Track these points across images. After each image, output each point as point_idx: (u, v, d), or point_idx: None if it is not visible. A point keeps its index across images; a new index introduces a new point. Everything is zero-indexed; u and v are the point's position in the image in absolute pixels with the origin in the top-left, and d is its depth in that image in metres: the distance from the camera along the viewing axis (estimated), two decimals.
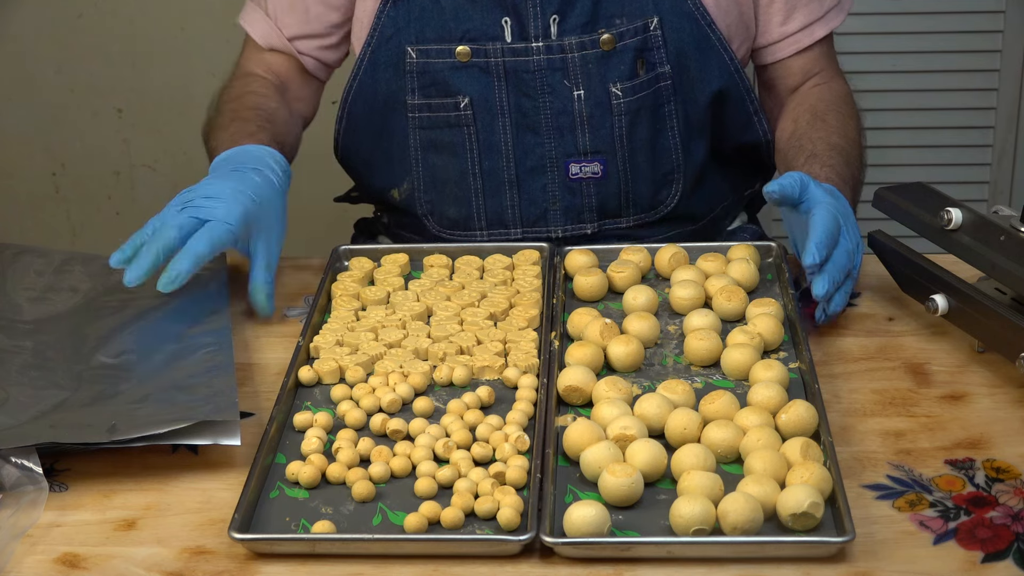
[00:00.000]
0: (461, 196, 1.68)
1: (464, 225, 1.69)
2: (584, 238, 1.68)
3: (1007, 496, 1.19)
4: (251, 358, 1.44)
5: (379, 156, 1.72)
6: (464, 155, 1.66)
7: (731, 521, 1.12)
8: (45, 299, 1.52)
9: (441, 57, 1.63)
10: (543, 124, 1.63)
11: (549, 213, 1.67)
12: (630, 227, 1.69)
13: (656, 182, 1.67)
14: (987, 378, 1.35)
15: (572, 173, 1.65)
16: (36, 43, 2.88)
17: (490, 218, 1.68)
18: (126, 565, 1.15)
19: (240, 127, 1.61)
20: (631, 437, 1.22)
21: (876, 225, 1.52)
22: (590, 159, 1.64)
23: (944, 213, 1.38)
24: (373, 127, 1.70)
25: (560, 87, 1.62)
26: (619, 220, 1.69)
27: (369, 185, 1.77)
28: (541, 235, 1.68)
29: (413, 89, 1.65)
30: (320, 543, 1.13)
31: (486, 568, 1.12)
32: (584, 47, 1.61)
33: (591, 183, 1.65)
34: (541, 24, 1.60)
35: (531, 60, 1.61)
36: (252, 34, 1.76)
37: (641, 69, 1.62)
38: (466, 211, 1.68)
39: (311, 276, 1.59)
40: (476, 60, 1.62)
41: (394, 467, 1.22)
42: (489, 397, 1.32)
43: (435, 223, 1.71)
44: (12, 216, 3.04)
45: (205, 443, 1.25)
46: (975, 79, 2.78)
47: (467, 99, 1.63)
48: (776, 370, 1.31)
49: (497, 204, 1.67)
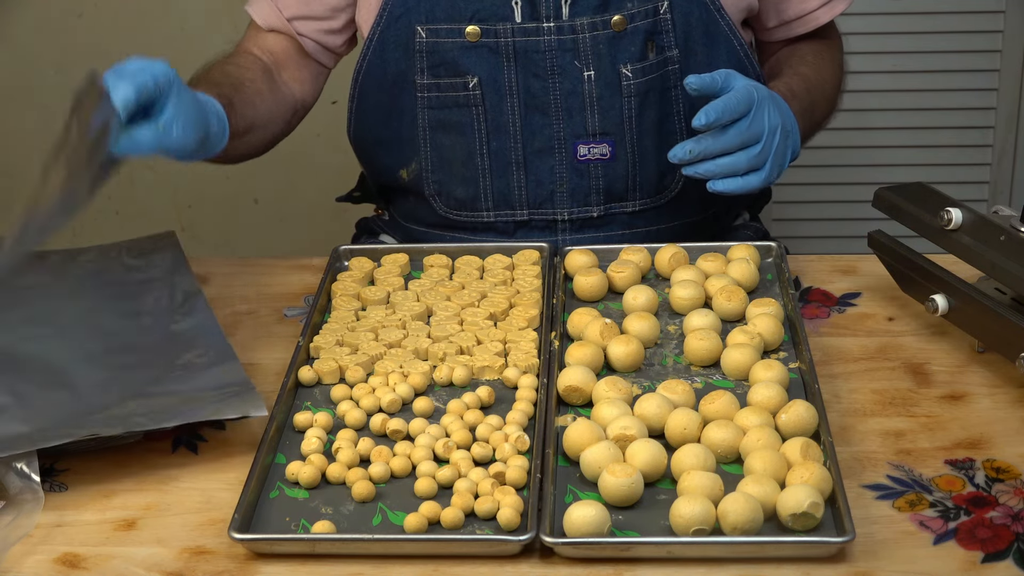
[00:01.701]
0: (468, 176, 1.68)
1: (471, 206, 1.70)
2: (590, 221, 1.68)
3: (1007, 496, 1.19)
4: (251, 358, 1.44)
5: (388, 136, 1.72)
6: (472, 135, 1.66)
7: (731, 521, 1.12)
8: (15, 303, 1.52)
9: (451, 37, 1.63)
10: (552, 105, 1.64)
11: (556, 195, 1.67)
12: (635, 211, 1.69)
13: (662, 165, 1.68)
14: (987, 378, 1.35)
15: (580, 154, 1.66)
16: (36, 43, 2.87)
17: (497, 199, 1.68)
18: (126, 565, 1.15)
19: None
20: (631, 437, 1.22)
21: (876, 225, 1.52)
22: (599, 140, 1.65)
23: (944, 213, 1.38)
24: (382, 107, 1.70)
25: (570, 68, 1.62)
26: (625, 204, 1.69)
27: (379, 166, 1.77)
28: (547, 216, 1.68)
29: (422, 69, 1.65)
30: (320, 543, 1.13)
31: (486, 568, 1.12)
32: (595, 28, 1.62)
33: (599, 165, 1.66)
34: (552, 4, 1.61)
35: (541, 40, 1.62)
36: (254, 16, 1.76)
37: (651, 51, 1.63)
38: (473, 191, 1.69)
39: (311, 276, 1.59)
40: (486, 40, 1.62)
41: (394, 467, 1.22)
42: (489, 397, 1.32)
43: (442, 204, 1.71)
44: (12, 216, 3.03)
45: (234, 417, 1.25)
46: (975, 79, 2.78)
47: (476, 79, 1.63)
48: (776, 370, 1.31)
49: (504, 185, 1.68)
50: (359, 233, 1.88)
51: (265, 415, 1.26)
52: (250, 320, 1.52)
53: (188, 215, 2.99)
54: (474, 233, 1.70)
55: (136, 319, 1.47)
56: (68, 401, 1.32)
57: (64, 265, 1.58)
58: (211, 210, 2.99)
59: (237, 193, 2.97)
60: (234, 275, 1.61)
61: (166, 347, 1.41)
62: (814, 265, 1.58)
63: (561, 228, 1.69)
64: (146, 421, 1.26)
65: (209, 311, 1.46)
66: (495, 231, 1.70)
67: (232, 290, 1.57)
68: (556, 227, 1.69)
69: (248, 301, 1.55)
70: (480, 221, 1.69)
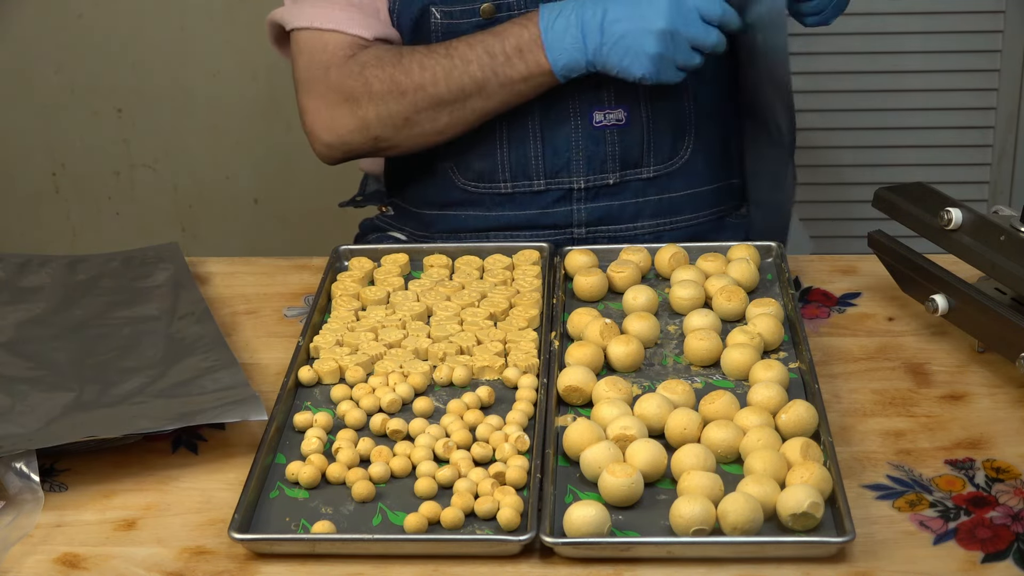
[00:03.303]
0: (486, 148, 1.68)
1: (489, 177, 1.70)
2: (605, 188, 1.69)
3: (1007, 496, 1.19)
4: (251, 358, 1.44)
5: None
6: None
7: (731, 521, 1.12)
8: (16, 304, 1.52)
9: (465, 17, 1.64)
10: None
11: (572, 162, 1.68)
12: (649, 178, 1.70)
13: (675, 129, 1.68)
14: (987, 378, 1.35)
15: (596, 121, 1.66)
16: (36, 43, 2.88)
17: (514, 169, 1.69)
18: (126, 565, 1.15)
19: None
20: (631, 437, 1.22)
21: (876, 225, 1.52)
22: (614, 106, 1.65)
23: (944, 213, 1.38)
24: None
25: None
26: (640, 170, 1.69)
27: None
28: (564, 185, 1.69)
29: None
30: (320, 543, 1.13)
31: (486, 568, 1.12)
32: None
33: (614, 131, 1.66)
34: None
35: None
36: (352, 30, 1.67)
37: None
38: (490, 163, 1.69)
39: (311, 276, 1.59)
40: (500, 15, 1.63)
41: (394, 467, 1.22)
42: (489, 397, 1.32)
43: (460, 175, 1.71)
44: (12, 216, 3.04)
45: (234, 420, 1.26)
46: (975, 79, 2.78)
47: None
48: (776, 370, 1.31)
49: (521, 154, 1.68)
50: (364, 233, 1.88)
51: (265, 419, 1.26)
52: (250, 320, 1.52)
53: (188, 215, 2.99)
54: (489, 208, 1.71)
55: (138, 324, 1.47)
56: (68, 402, 1.32)
57: (66, 271, 1.58)
58: (211, 210, 2.99)
59: (237, 193, 2.97)
60: (234, 275, 1.61)
61: (167, 350, 1.41)
62: (814, 265, 1.58)
63: (577, 197, 1.70)
64: (146, 424, 1.26)
65: (211, 319, 1.45)
66: (511, 203, 1.70)
67: (232, 290, 1.57)
68: (572, 196, 1.70)
69: (248, 301, 1.55)
70: (498, 193, 1.70)
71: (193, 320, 1.46)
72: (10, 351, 1.42)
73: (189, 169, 2.95)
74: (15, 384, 1.35)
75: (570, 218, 1.71)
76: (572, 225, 1.71)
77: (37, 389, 1.34)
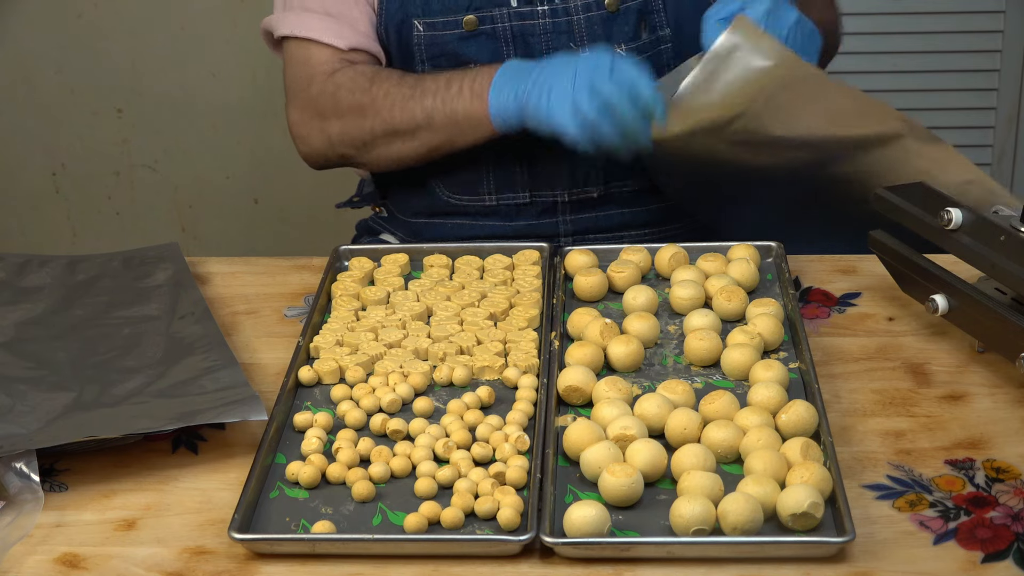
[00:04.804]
0: (470, 161, 1.68)
1: (473, 189, 1.71)
2: (589, 202, 1.69)
3: (1007, 496, 1.19)
4: (251, 358, 1.44)
5: None
6: None
7: (731, 521, 1.12)
8: (16, 304, 1.52)
9: (448, 29, 1.64)
10: None
11: (556, 175, 1.68)
12: (634, 190, 1.70)
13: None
14: (987, 378, 1.35)
15: None
16: (36, 43, 2.88)
17: (498, 182, 1.69)
18: (126, 565, 1.15)
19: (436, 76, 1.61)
20: (631, 437, 1.22)
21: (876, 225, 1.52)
22: None
23: (944, 213, 1.38)
24: None
25: (566, 49, 1.63)
26: (624, 183, 1.69)
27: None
28: (548, 198, 1.69)
29: (423, 60, 1.66)
30: (320, 543, 1.13)
31: (486, 568, 1.12)
32: (589, 8, 1.63)
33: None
34: None
35: (537, 24, 1.63)
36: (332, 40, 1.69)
37: (644, 31, 1.64)
38: (475, 176, 1.70)
39: (311, 276, 1.59)
40: (483, 28, 1.63)
41: (394, 467, 1.22)
42: (489, 397, 1.32)
43: (445, 189, 1.71)
44: (12, 216, 3.04)
45: (234, 420, 1.26)
46: (975, 79, 2.78)
47: (475, 66, 1.63)
48: (776, 370, 1.31)
49: (504, 168, 1.68)
50: (359, 234, 1.89)
51: (265, 419, 1.26)
52: (250, 320, 1.52)
53: (188, 215, 2.99)
54: (475, 218, 1.71)
55: (138, 324, 1.47)
56: (68, 402, 1.32)
57: (66, 271, 1.58)
58: (211, 210, 2.99)
59: (237, 193, 2.97)
60: (234, 275, 1.61)
61: (167, 350, 1.41)
62: (814, 265, 1.58)
63: (561, 210, 1.70)
64: (146, 424, 1.26)
65: (211, 319, 1.45)
66: (497, 215, 1.70)
67: (232, 290, 1.57)
68: (556, 209, 1.70)
69: (248, 301, 1.55)
70: (482, 205, 1.70)
71: (193, 320, 1.46)
72: (10, 351, 1.42)
73: (189, 169, 2.95)
74: (15, 384, 1.35)
75: (556, 229, 1.72)
76: (559, 235, 1.72)
77: (37, 389, 1.34)
